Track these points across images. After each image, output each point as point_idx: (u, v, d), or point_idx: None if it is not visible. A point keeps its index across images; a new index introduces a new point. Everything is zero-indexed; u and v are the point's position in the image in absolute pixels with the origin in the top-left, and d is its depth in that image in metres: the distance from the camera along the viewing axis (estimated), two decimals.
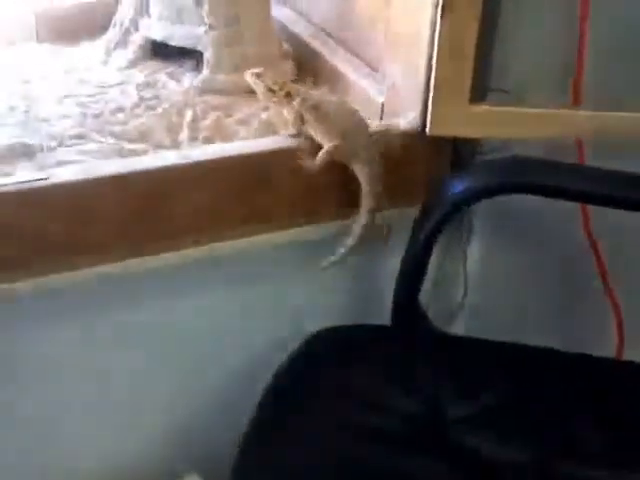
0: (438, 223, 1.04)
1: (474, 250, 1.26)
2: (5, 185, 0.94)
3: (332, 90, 1.30)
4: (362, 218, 1.07)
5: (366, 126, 1.09)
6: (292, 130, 1.08)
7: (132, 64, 1.34)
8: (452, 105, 1.07)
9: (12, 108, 1.20)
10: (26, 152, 1.09)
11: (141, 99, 1.25)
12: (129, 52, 1.35)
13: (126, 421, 1.17)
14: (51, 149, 1.09)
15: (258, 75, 1.09)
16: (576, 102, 1.12)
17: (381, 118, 1.18)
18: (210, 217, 1.06)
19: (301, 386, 1.03)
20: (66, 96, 1.24)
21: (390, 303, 1.08)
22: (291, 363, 1.05)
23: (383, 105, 1.19)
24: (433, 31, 1.05)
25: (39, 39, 1.37)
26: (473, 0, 1.02)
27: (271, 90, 1.08)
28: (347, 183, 1.07)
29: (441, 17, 1.03)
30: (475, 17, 1.03)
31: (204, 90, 1.29)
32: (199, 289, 1.13)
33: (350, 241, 1.08)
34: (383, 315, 1.08)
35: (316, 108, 1.07)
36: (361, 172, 1.06)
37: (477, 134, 1.12)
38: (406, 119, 1.12)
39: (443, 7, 1.02)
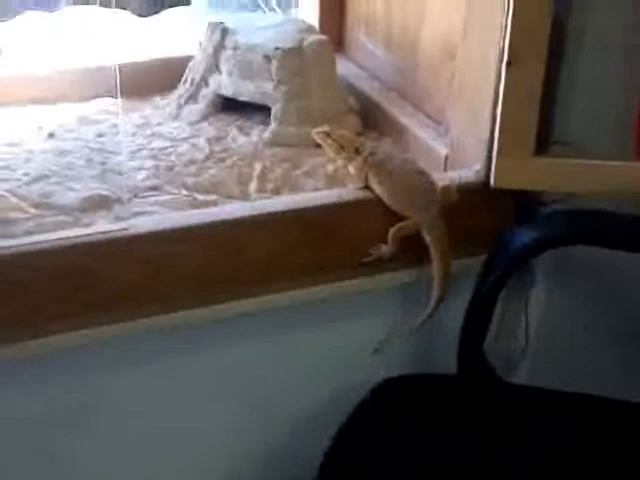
0: (502, 275, 1.05)
1: (536, 299, 1.26)
2: (87, 235, 0.98)
3: (396, 143, 1.33)
4: (435, 291, 1.09)
5: (431, 186, 1.09)
6: (359, 183, 1.11)
7: (203, 118, 1.39)
8: (516, 158, 1.09)
9: (89, 161, 1.25)
10: (103, 203, 1.13)
11: (212, 152, 1.30)
12: (200, 107, 1.40)
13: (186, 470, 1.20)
14: (127, 200, 1.13)
15: (326, 134, 1.12)
16: (638, 155, 1.13)
17: (445, 170, 1.21)
18: (278, 266, 1.08)
19: (367, 437, 1.05)
20: (140, 149, 1.30)
21: (454, 351, 1.09)
22: (357, 413, 1.06)
23: (447, 157, 1.21)
24: (497, 84, 1.07)
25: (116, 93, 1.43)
26: (538, 54, 1.04)
27: (340, 147, 1.11)
28: (414, 234, 1.08)
29: (506, 71, 1.05)
30: (539, 70, 1.04)
31: (272, 143, 1.33)
32: (263, 337, 1.15)
33: (428, 310, 1.10)
34: (447, 363, 1.09)
35: (380, 165, 1.09)
36: (428, 237, 1.08)
37: (541, 187, 1.12)
38: (470, 171, 1.14)
39: (508, 61, 1.04)
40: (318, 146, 1.17)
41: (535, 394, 1.12)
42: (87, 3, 1.44)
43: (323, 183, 1.23)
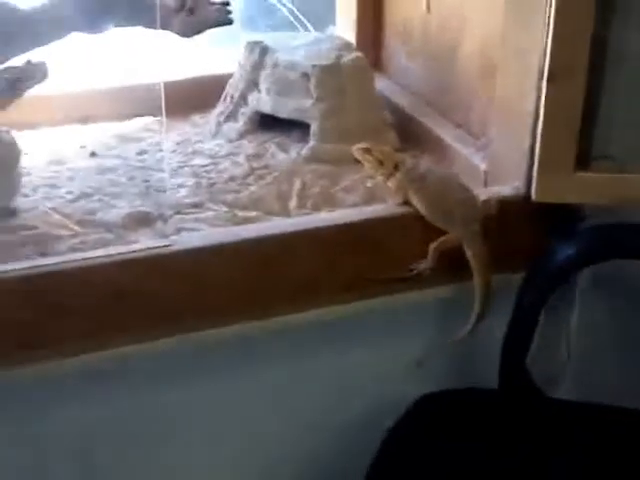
0: (545, 291, 1.05)
1: (577, 314, 1.26)
2: (132, 252, 0.99)
3: (435, 159, 1.33)
4: (476, 308, 1.08)
5: (472, 201, 1.10)
6: (399, 199, 1.11)
7: (242, 136, 1.40)
8: (558, 172, 1.08)
9: (131, 178, 1.27)
10: (146, 220, 1.14)
11: (251, 169, 1.31)
12: (239, 124, 1.41)
13: None
14: (169, 217, 1.14)
15: (366, 150, 1.12)
16: None
17: (485, 185, 1.21)
18: (317, 282, 1.08)
19: (408, 453, 1.05)
20: (181, 167, 1.31)
21: (495, 366, 1.09)
22: (397, 429, 1.06)
23: (486, 172, 1.21)
24: (538, 99, 1.06)
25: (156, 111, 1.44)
26: (579, 68, 1.03)
27: (380, 162, 1.12)
28: (455, 249, 1.08)
29: (547, 85, 1.05)
30: (580, 86, 1.04)
31: (311, 159, 1.33)
32: (303, 352, 1.16)
33: (468, 326, 1.09)
34: (488, 378, 1.09)
35: (420, 180, 1.09)
36: (469, 251, 1.07)
37: (582, 200, 1.12)
38: (510, 186, 1.13)
39: (549, 75, 1.04)
40: (357, 162, 1.17)
41: (578, 408, 1.12)
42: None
43: (362, 199, 1.24)
